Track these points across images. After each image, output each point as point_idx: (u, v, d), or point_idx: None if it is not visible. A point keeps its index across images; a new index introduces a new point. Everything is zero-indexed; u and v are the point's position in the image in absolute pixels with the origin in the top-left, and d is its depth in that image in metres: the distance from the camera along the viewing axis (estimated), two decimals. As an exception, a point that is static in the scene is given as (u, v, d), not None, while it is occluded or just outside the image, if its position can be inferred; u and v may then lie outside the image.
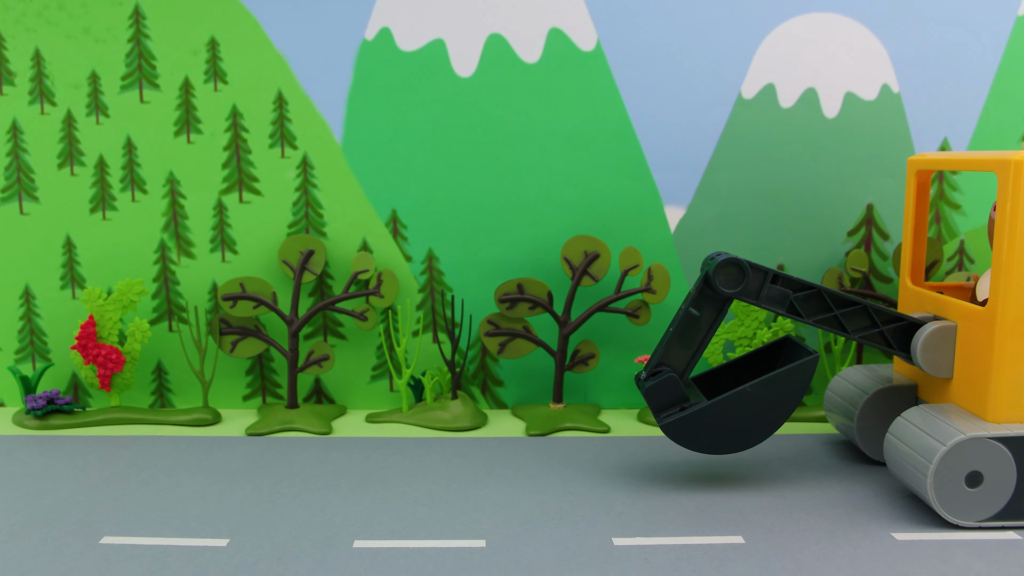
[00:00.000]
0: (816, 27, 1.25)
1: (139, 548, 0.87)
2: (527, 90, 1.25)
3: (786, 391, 0.98)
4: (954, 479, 0.90)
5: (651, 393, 0.99)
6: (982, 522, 0.91)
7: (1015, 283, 0.91)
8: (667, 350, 0.99)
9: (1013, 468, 0.91)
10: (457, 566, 0.83)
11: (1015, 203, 0.90)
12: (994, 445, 0.90)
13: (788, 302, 0.98)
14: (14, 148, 1.27)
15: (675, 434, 0.99)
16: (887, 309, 1.00)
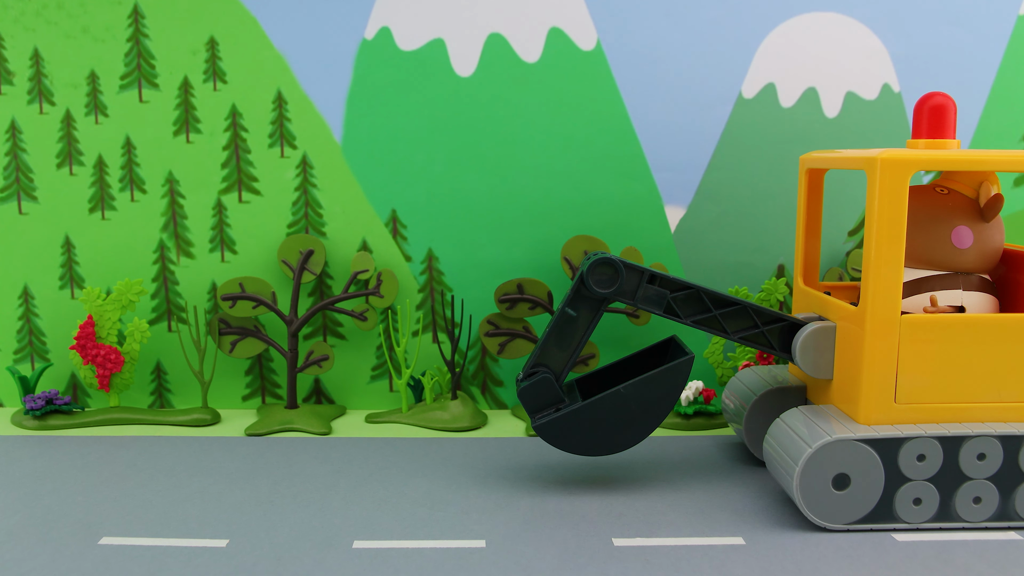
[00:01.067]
0: (816, 26, 1.25)
1: (138, 549, 0.87)
2: (527, 90, 1.25)
3: (660, 392, 0.98)
4: (821, 481, 0.89)
5: (525, 394, 0.98)
6: (850, 525, 0.90)
7: (883, 282, 0.90)
8: (544, 351, 0.98)
9: (881, 471, 0.89)
10: (457, 566, 0.83)
11: (880, 201, 0.88)
12: (861, 447, 0.89)
13: (665, 302, 0.97)
14: (13, 148, 1.27)
15: (548, 435, 0.98)
16: (767, 309, 0.98)
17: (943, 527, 0.90)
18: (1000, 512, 0.91)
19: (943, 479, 0.90)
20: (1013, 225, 1.29)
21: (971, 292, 0.96)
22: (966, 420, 0.92)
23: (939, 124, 0.96)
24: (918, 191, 1.00)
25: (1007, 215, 1.29)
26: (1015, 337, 0.91)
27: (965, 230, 0.97)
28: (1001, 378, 0.92)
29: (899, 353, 0.91)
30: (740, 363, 1.23)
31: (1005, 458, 0.90)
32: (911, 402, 0.91)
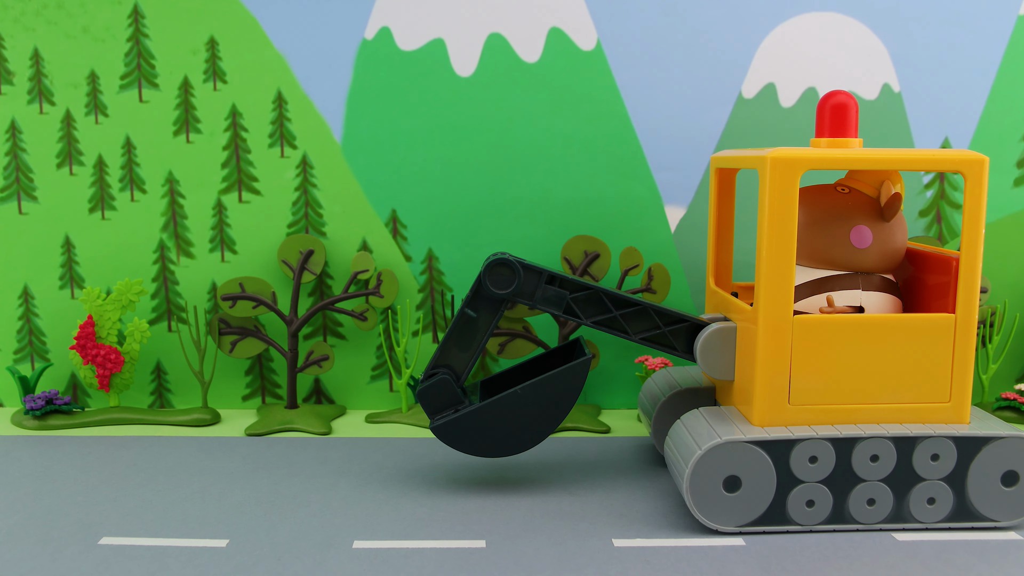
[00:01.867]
0: (816, 26, 1.25)
1: (138, 549, 0.87)
2: (527, 90, 1.25)
3: (558, 394, 0.97)
4: (711, 483, 0.88)
5: (424, 395, 0.98)
6: (742, 527, 0.89)
7: (775, 282, 0.89)
8: (444, 352, 0.98)
9: (772, 473, 0.88)
10: (457, 566, 0.83)
11: (771, 200, 0.88)
12: (752, 449, 0.88)
13: (565, 303, 0.97)
14: (13, 148, 1.27)
15: (446, 436, 0.98)
16: (670, 310, 0.98)
17: (837, 529, 0.89)
18: (895, 514, 0.90)
19: (836, 481, 0.89)
20: (1013, 225, 1.29)
21: (871, 292, 0.95)
22: (860, 421, 0.91)
23: (841, 123, 0.95)
24: (819, 190, 0.98)
25: (1007, 215, 1.29)
26: (908, 337, 0.90)
27: (864, 229, 0.95)
28: (896, 379, 0.91)
29: (792, 354, 0.90)
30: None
31: (899, 460, 0.89)
32: (805, 403, 0.90)
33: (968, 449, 0.89)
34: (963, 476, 0.89)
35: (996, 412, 1.25)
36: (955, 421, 0.91)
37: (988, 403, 1.28)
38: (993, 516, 0.90)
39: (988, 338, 1.27)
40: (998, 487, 0.90)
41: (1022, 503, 0.90)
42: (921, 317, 0.91)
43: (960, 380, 0.91)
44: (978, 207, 0.89)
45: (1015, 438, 0.89)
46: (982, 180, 0.89)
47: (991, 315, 1.27)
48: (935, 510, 0.90)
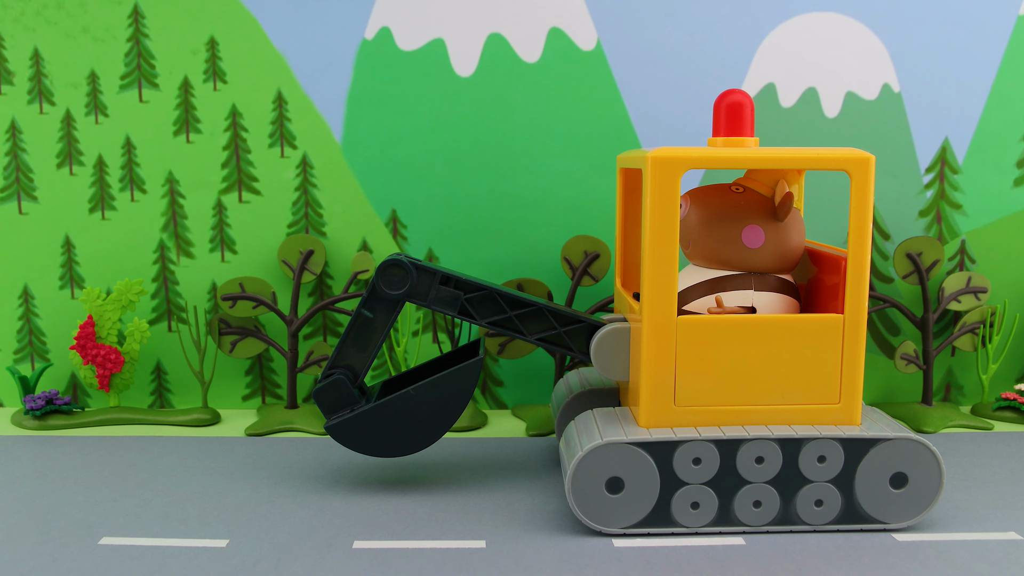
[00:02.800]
0: (816, 26, 1.25)
1: (138, 549, 0.87)
2: (527, 90, 1.25)
3: (451, 394, 0.97)
4: (594, 485, 0.88)
5: (320, 395, 0.98)
6: (626, 529, 0.88)
7: (658, 283, 0.88)
8: (342, 353, 0.99)
9: (656, 475, 0.88)
10: (457, 566, 0.83)
11: (652, 199, 0.87)
12: (634, 451, 0.87)
13: (459, 304, 0.97)
14: (13, 148, 1.27)
15: (341, 436, 0.98)
16: (566, 311, 0.97)
17: (723, 531, 0.89)
18: (782, 516, 0.89)
19: (721, 483, 0.88)
20: (1013, 225, 1.29)
21: (763, 292, 0.94)
22: (748, 423, 0.90)
23: (736, 122, 0.93)
24: (713, 190, 0.98)
25: (1007, 215, 1.29)
26: (796, 338, 0.89)
27: (756, 229, 0.94)
28: (784, 380, 0.90)
29: (676, 355, 0.89)
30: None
31: (785, 462, 0.88)
32: (691, 405, 0.90)
33: (855, 451, 0.88)
34: (851, 478, 0.88)
35: (996, 412, 1.25)
36: (845, 422, 0.90)
37: (988, 403, 1.28)
38: (882, 518, 0.89)
39: (988, 338, 1.27)
40: (887, 489, 0.89)
41: (912, 505, 0.89)
42: (809, 317, 0.90)
43: (850, 381, 0.90)
44: (864, 206, 0.88)
45: (903, 440, 0.88)
46: (868, 179, 0.88)
47: (991, 315, 1.27)
48: (823, 512, 0.89)
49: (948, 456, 1.12)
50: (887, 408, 1.29)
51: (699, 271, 0.96)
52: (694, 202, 0.96)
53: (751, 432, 0.88)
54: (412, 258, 0.97)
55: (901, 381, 1.32)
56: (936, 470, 0.89)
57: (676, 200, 0.87)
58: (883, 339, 1.32)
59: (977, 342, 1.28)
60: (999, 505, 0.97)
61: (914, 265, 1.26)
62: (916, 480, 0.89)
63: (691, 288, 0.95)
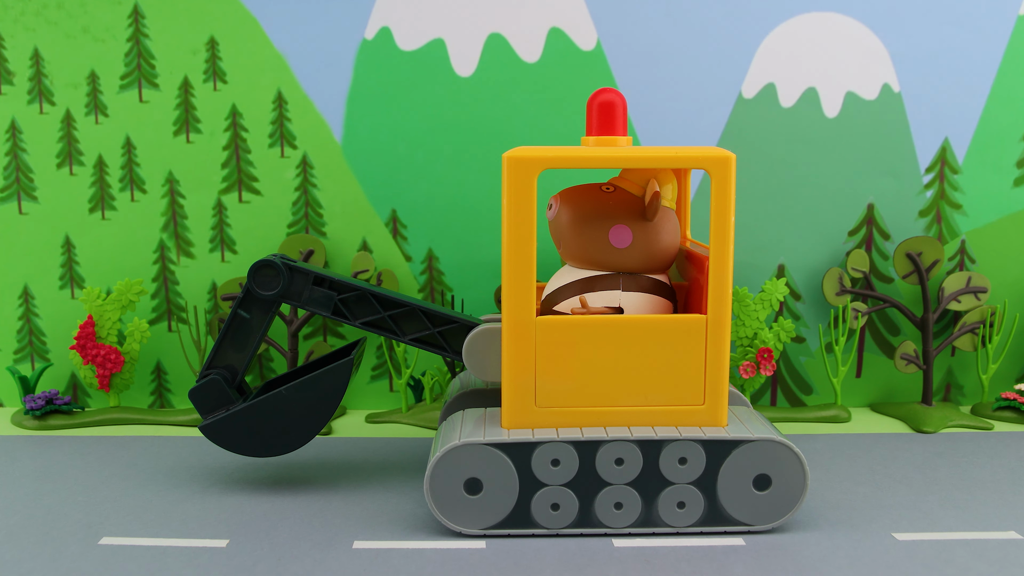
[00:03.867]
0: (816, 26, 1.25)
1: (138, 549, 0.87)
2: (527, 90, 1.25)
3: (322, 395, 0.98)
4: (452, 486, 0.87)
5: (195, 396, 0.99)
6: (486, 530, 0.88)
7: (516, 283, 0.88)
8: (219, 353, 0.99)
9: (515, 476, 0.87)
10: (457, 566, 0.83)
11: (508, 199, 0.87)
12: (492, 452, 0.87)
13: (333, 304, 0.97)
14: (13, 148, 1.27)
15: (215, 436, 0.98)
16: (440, 311, 0.98)
17: (584, 533, 0.88)
18: (644, 518, 0.88)
19: (581, 484, 0.88)
20: (1013, 225, 1.29)
21: (631, 293, 0.93)
22: (611, 424, 0.89)
23: (608, 121, 0.93)
24: (584, 190, 0.97)
25: (1007, 215, 1.29)
26: (658, 339, 0.89)
27: (624, 229, 0.94)
28: (647, 381, 0.89)
29: (536, 356, 0.89)
30: (740, 363, 1.23)
31: (645, 463, 0.87)
32: (552, 406, 0.89)
33: (717, 452, 0.88)
34: (713, 480, 0.88)
35: (996, 412, 1.25)
36: (711, 424, 0.90)
37: (988, 403, 1.28)
38: (746, 520, 0.89)
39: (988, 338, 1.27)
40: (750, 491, 0.88)
41: (776, 507, 0.88)
42: (670, 318, 0.89)
43: (714, 382, 0.90)
44: (725, 205, 0.87)
45: (766, 441, 0.88)
46: (728, 178, 0.87)
47: (991, 315, 1.27)
48: (686, 514, 0.88)
49: (948, 456, 1.12)
50: (887, 408, 1.29)
51: (571, 271, 0.96)
52: (564, 202, 0.96)
53: (610, 433, 0.87)
54: (286, 258, 0.98)
55: (901, 381, 1.32)
56: (800, 472, 0.88)
57: (532, 200, 0.87)
58: (883, 339, 1.32)
59: (977, 342, 1.28)
60: (999, 505, 0.97)
61: (914, 265, 1.26)
62: (780, 482, 0.88)
63: (561, 288, 0.95)
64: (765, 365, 1.22)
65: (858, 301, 1.27)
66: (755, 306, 1.23)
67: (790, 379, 1.32)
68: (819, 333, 1.28)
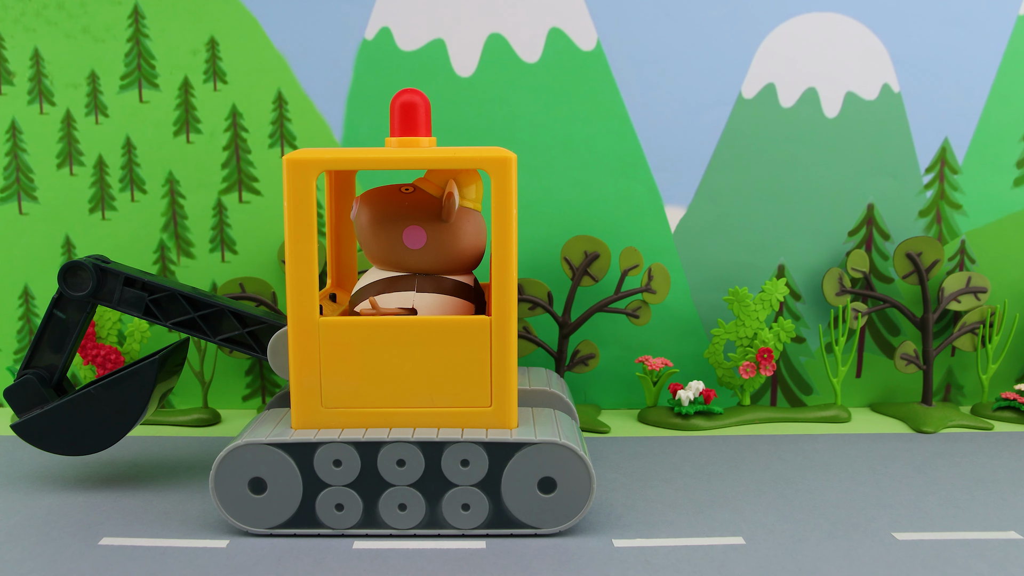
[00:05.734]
0: (816, 27, 1.25)
1: (138, 549, 0.87)
2: (527, 90, 1.25)
3: (129, 395, 0.98)
4: (237, 485, 0.88)
5: (10, 395, 0.99)
6: (272, 529, 0.88)
7: (298, 284, 0.88)
8: (36, 354, 1.00)
9: (298, 476, 0.88)
10: (457, 567, 0.83)
11: (289, 200, 0.87)
12: (275, 452, 0.87)
13: (144, 305, 0.98)
14: (13, 148, 1.27)
15: (27, 435, 0.99)
16: (248, 312, 0.98)
17: (369, 534, 0.89)
18: (429, 520, 0.88)
19: (364, 485, 0.88)
20: (1013, 225, 1.29)
21: (425, 294, 0.93)
22: (396, 425, 0.89)
23: (410, 122, 0.93)
24: (384, 191, 0.97)
25: (1007, 215, 1.29)
26: (443, 341, 0.89)
27: (418, 230, 0.94)
28: (434, 383, 0.89)
29: (321, 356, 0.89)
30: (740, 363, 1.23)
31: (427, 465, 0.87)
32: (338, 406, 0.90)
33: (499, 455, 0.87)
34: (497, 482, 0.88)
35: (996, 412, 1.25)
36: (499, 425, 0.89)
37: (988, 403, 1.28)
38: (532, 523, 0.88)
39: (988, 338, 1.27)
40: (535, 494, 0.88)
41: (561, 510, 0.88)
42: (454, 319, 0.89)
43: (501, 384, 0.89)
44: (506, 206, 0.87)
45: (549, 444, 0.87)
46: (507, 178, 0.87)
47: (991, 315, 1.27)
48: (471, 516, 0.88)
49: (948, 456, 1.12)
50: (887, 408, 1.29)
51: (376, 272, 0.97)
52: (363, 203, 0.96)
53: (391, 435, 0.88)
54: (99, 259, 0.99)
55: (901, 381, 1.32)
56: (585, 475, 0.88)
57: (312, 201, 0.87)
58: (883, 339, 1.32)
59: (977, 342, 1.28)
60: (999, 505, 0.97)
61: (914, 265, 1.26)
62: (565, 485, 0.88)
63: (362, 289, 0.96)
64: (765, 365, 1.22)
65: (858, 301, 1.27)
66: (755, 306, 1.23)
67: (790, 379, 1.32)
68: (819, 333, 1.28)
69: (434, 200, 0.95)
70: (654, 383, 1.26)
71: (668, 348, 1.30)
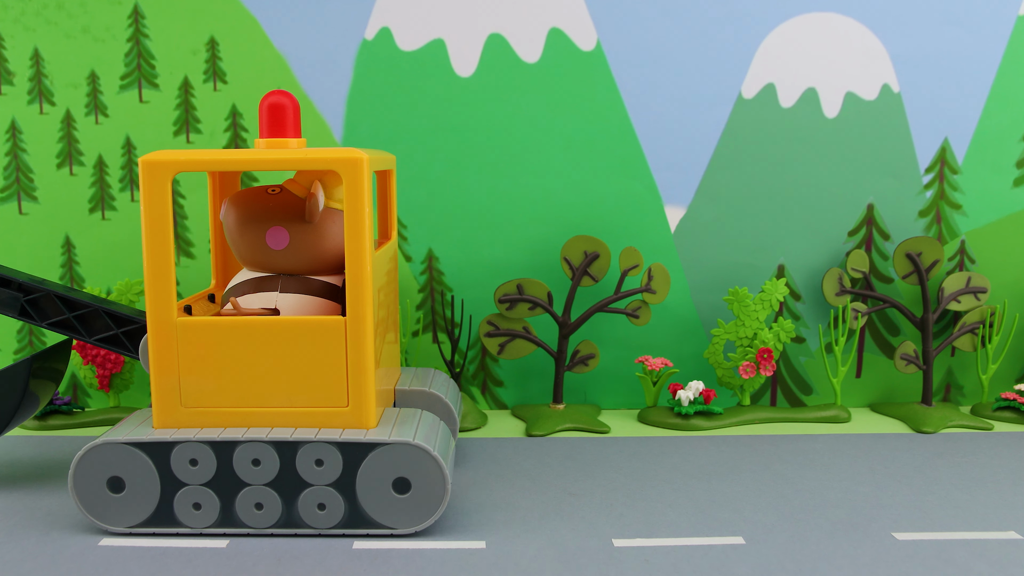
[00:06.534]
0: (816, 27, 1.25)
1: (138, 549, 0.87)
2: (527, 90, 1.25)
3: (2, 392, 0.98)
4: (96, 483, 0.88)
5: None
6: (132, 528, 0.89)
7: (155, 284, 0.88)
8: None
9: (155, 475, 0.88)
10: (457, 566, 0.83)
11: (145, 201, 0.87)
12: (132, 451, 0.88)
13: (20, 305, 0.98)
14: (13, 148, 1.27)
15: None
16: (122, 312, 0.98)
17: (227, 533, 0.89)
18: (286, 519, 0.89)
19: (221, 484, 0.88)
20: (1013, 225, 1.29)
21: (288, 294, 0.94)
22: (254, 425, 0.90)
23: (278, 124, 0.93)
24: (251, 192, 0.97)
25: (1007, 215, 1.29)
26: (299, 341, 0.89)
27: (281, 231, 0.94)
28: (291, 383, 0.90)
29: (179, 356, 0.89)
30: (740, 363, 1.23)
31: (282, 464, 0.88)
32: (198, 406, 0.90)
33: (353, 455, 0.88)
34: (352, 482, 0.88)
35: (996, 412, 1.25)
36: (355, 425, 0.90)
37: (988, 403, 1.28)
38: (388, 523, 0.89)
39: (988, 338, 1.27)
40: (390, 494, 0.88)
41: (417, 510, 0.88)
42: (309, 320, 0.89)
43: (358, 384, 0.89)
44: (358, 205, 0.87)
45: (402, 444, 0.87)
46: (358, 179, 0.87)
47: (991, 315, 1.27)
48: (327, 516, 0.88)
49: (948, 456, 1.12)
50: (887, 408, 1.29)
51: (245, 273, 0.97)
52: (231, 205, 0.97)
53: (245, 434, 0.88)
54: None
55: (901, 381, 1.33)
56: (439, 476, 0.88)
57: (167, 202, 0.88)
58: (883, 339, 1.32)
59: (977, 342, 1.28)
60: (999, 505, 0.97)
61: (914, 265, 1.26)
62: (419, 486, 0.88)
63: (230, 290, 0.96)
64: (765, 365, 1.22)
65: (858, 301, 1.27)
66: (755, 306, 1.23)
67: (790, 379, 1.32)
68: (819, 333, 1.28)
69: (299, 201, 0.95)
70: (654, 383, 1.26)
71: (668, 348, 1.30)
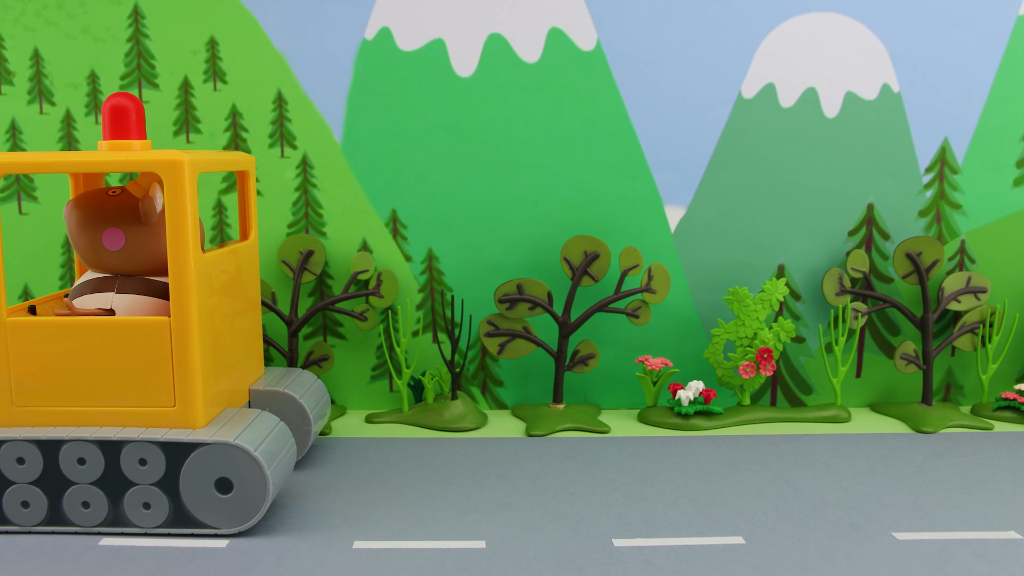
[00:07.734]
0: (816, 27, 1.25)
1: (138, 549, 0.87)
2: (527, 90, 1.25)
3: None
4: None
5: None
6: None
7: None
8: None
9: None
10: (457, 566, 0.83)
11: None
12: None
13: None
14: (13, 148, 1.27)
15: None
16: None
17: (56, 531, 0.89)
18: (112, 518, 0.89)
19: (48, 483, 0.89)
20: (1013, 225, 1.29)
21: (124, 295, 0.94)
22: (83, 424, 0.90)
23: (121, 125, 0.93)
24: (92, 193, 0.97)
25: (1007, 215, 1.29)
26: (125, 342, 0.89)
27: (116, 232, 0.95)
28: (119, 383, 0.90)
29: (10, 355, 0.90)
30: (740, 363, 1.23)
31: (107, 464, 0.88)
32: (29, 405, 0.91)
33: (175, 455, 0.88)
34: (175, 482, 0.88)
35: (996, 412, 1.25)
36: (182, 425, 0.90)
37: (988, 403, 1.28)
38: (212, 523, 0.89)
39: (988, 338, 1.27)
40: (213, 494, 0.88)
41: (239, 511, 0.88)
42: (133, 321, 0.90)
43: (184, 384, 0.90)
44: (179, 207, 0.87)
45: (223, 444, 0.87)
46: (179, 181, 0.87)
47: (991, 315, 1.27)
48: (152, 515, 0.89)
49: (948, 456, 1.12)
50: (887, 408, 1.29)
51: (88, 274, 0.98)
52: (73, 206, 0.97)
53: (69, 433, 0.89)
54: None
55: (901, 381, 1.33)
56: (260, 477, 0.88)
57: None
58: (883, 339, 1.32)
59: (977, 342, 1.28)
60: (999, 505, 0.97)
61: (914, 265, 1.26)
62: (241, 486, 0.88)
63: (74, 289, 0.97)
64: (765, 365, 1.22)
65: (858, 301, 1.27)
66: (755, 306, 1.23)
67: (790, 379, 1.32)
68: (819, 333, 1.28)
69: (138, 202, 0.96)
70: (654, 383, 1.26)
71: (668, 348, 1.30)
